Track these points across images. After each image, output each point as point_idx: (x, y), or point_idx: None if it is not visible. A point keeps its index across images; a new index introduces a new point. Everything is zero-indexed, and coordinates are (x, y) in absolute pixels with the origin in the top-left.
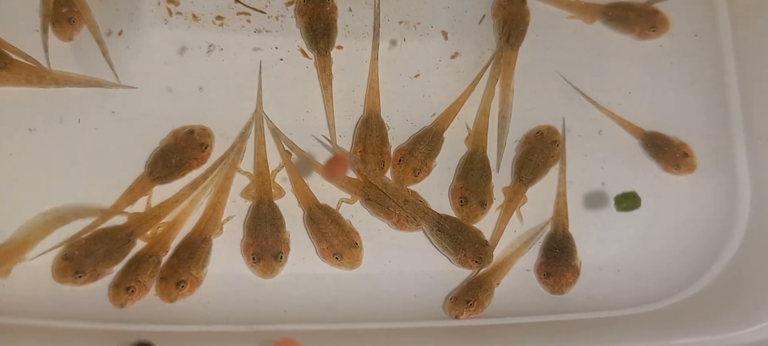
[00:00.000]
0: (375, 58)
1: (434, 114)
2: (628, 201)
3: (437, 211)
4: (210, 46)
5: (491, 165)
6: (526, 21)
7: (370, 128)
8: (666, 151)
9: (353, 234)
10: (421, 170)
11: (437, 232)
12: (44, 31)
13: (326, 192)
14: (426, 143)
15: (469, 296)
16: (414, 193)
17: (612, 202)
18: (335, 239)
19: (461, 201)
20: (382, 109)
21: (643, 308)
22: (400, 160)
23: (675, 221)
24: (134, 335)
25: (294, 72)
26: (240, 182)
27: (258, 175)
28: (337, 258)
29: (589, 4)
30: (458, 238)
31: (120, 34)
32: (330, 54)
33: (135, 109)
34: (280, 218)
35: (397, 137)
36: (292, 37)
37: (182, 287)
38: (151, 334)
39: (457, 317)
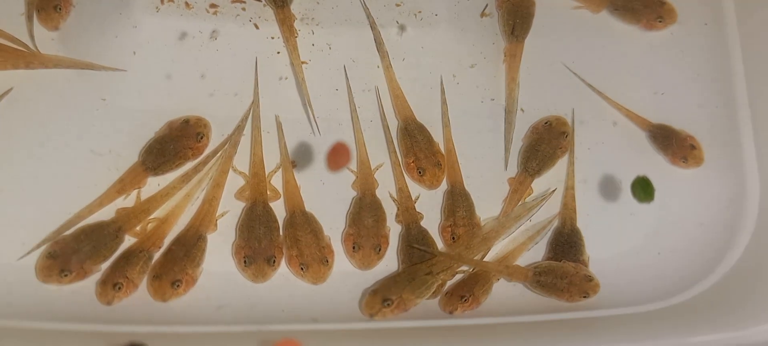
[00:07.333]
0: (388, 66)
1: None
2: (642, 190)
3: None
4: (212, 32)
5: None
6: (531, 12)
7: (412, 135)
8: (673, 144)
9: (327, 250)
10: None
11: (405, 237)
12: (29, 19)
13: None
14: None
15: (464, 291)
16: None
17: (619, 196)
18: (307, 249)
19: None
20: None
21: (652, 305)
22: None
23: (683, 216)
24: (124, 337)
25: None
26: (234, 181)
27: (253, 175)
28: (302, 268)
29: None
30: (411, 252)
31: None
32: (289, 6)
33: (126, 98)
34: (275, 220)
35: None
36: None
37: (177, 286)
38: (143, 335)
39: (451, 313)
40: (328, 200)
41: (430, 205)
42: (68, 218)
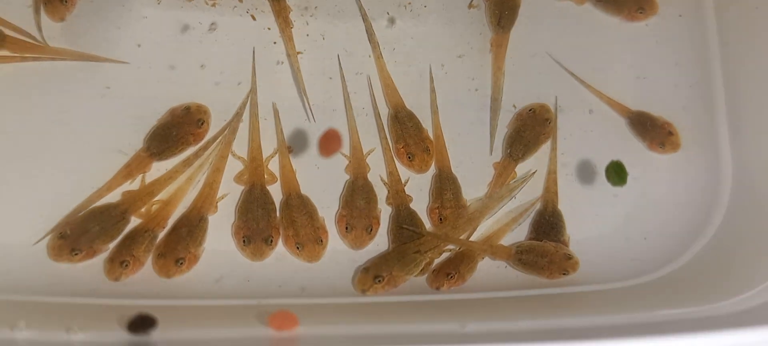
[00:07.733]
0: (379, 56)
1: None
2: (616, 174)
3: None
4: (211, 24)
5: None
6: (517, 4)
7: (402, 121)
8: (651, 130)
9: (322, 231)
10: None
11: (395, 218)
12: (36, 11)
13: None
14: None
15: (450, 269)
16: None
17: (598, 180)
18: (303, 229)
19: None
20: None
21: (628, 281)
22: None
23: (659, 198)
24: (132, 310)
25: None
26: (234, 165)
27: (251, 160)
28: (298, 248)
29: None
30: (400, 232)
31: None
32: None
33: (130, 88)
34: (272, 203)
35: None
36: None
37: (181, 264)
38: (149, 308)
39: (438, 289)
40: (322, 183)
41: (419, 188)
42: (78, 202)
